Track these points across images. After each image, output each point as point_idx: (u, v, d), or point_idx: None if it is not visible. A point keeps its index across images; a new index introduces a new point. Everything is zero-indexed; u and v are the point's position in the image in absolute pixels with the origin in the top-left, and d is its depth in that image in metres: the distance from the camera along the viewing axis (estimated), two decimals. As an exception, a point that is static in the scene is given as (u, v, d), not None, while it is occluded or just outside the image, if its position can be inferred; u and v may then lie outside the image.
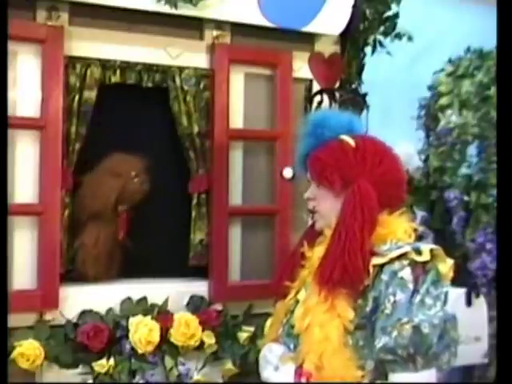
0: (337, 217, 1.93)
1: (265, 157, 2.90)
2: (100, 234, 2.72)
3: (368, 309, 1.82)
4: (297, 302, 2.00)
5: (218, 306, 2.73)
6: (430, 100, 3.67)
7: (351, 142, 1.97)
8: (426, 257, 1.82)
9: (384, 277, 1.81)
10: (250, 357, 2.65)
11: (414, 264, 1.81)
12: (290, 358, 1.93)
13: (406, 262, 1.81)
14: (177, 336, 2.59)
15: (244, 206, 2.86)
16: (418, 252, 1.82)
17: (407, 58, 4.01)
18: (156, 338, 2.54)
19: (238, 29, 2.79)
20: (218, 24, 2.76)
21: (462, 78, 3.54)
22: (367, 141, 2.01)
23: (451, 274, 1.88)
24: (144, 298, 2.62)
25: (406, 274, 1.80)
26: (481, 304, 3.25)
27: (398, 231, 1.90)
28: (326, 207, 2.00)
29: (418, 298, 1.77)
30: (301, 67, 2.89)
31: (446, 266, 1.85)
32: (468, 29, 4.31)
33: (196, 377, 2.64)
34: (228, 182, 2.77)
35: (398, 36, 3.17)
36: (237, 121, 2.82)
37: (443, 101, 3.53)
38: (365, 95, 3.03)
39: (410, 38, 3.19)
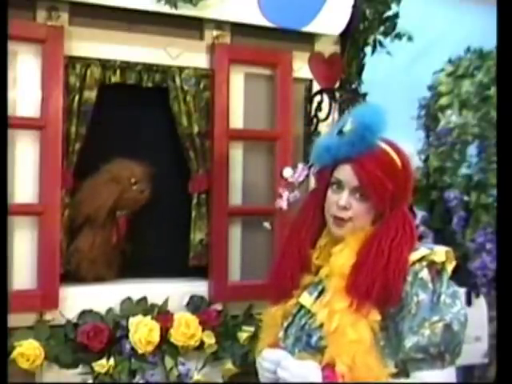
0: (368, 227, 1.95)
1: (265, 157, 2.90)
2: (96, 238, 2.71)
3: (392, 310, 1.84)
4: (300, 306, 2.00)
5: (218, 306, 2.73)
6: (430, 100, 3.68)
7: (397, 159, 1.96)
8: (442, 257, 1.87)
9: (408, 278, 1.84)
10: (250, 357, 2.63)
11: (430, 265, 1.86)
12: (307, 356, 1.93)
13: (424, 263, 1.86)
14: (177, 336, 2.59)
15: (244, 206, 2.86)
16: (434, 252, 1.88)
17: (407, 57, 4.01)
18: (156, 337, 2.54)
19: (238, 29, 2.79)
20: (218, 24, 2.76)
21: (462, 78, 3.54)
22: (403, 156, 1.98)
23: None
24: (144, 298, 2.63)
25: (425, 274, 1.85)
26: (481, 304, 3.25)
27: None
28: (363, 220, 1.97)
29: (442, 298, 1.83)
30: (301, 67, 2.89)
31: (451, 266, 1.91)
32: (468, 29, 4.31)
33: (196, 377, 2.64)
34: (228, 182, 2.76)
35: (398, 36, 3.16)
36: (237, 121, 2.82)
37: (443, 101, 3.53)
38: (365, 95, 3.03)
39: (409, 38, 3.18)
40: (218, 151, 2.73)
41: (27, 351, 2.39)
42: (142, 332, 2.52)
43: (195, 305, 2.70)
